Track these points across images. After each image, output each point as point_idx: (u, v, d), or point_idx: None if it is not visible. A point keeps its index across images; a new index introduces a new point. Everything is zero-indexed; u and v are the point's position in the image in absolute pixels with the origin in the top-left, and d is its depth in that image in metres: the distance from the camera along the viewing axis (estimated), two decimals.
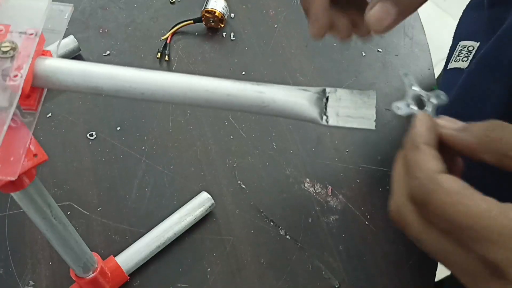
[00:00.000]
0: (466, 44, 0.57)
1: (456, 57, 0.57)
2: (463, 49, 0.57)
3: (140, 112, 0.62)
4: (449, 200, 0.27)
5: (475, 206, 0.26)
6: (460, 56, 0.56)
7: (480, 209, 0.26)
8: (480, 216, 0.26)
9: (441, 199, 0.27)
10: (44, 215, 0.37)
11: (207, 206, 0.55)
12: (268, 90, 0.34)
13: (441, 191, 0.27)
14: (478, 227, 0.26)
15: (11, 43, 0.30)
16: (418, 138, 0.30)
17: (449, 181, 0.28)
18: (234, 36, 0.69)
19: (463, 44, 0.57)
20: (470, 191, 0.27)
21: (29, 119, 0.32)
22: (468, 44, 0.56)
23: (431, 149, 0.30)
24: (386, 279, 0.53)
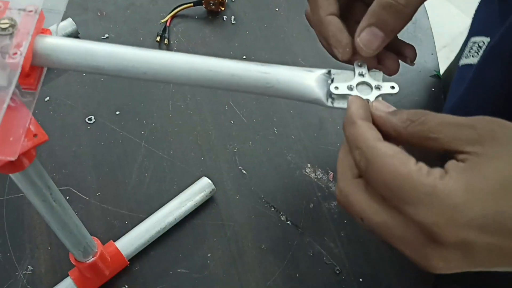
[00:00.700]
0: (477, 40, 0.56)
1: (467, 53, 0.57)
2: (474, 45, 0.56)
3: (140, 96, 0.61)
4: (384, 163, 0.28)
5: (405, 167, 0.28)
6: (471, 52, 0.56)
7: (409, 169, 0.28)
8: (408, 176, 0.27)
9: (378, 163, 0.29)
10: (44, 198, 0.36)
11: (208, 192, 0.54)
12: (272, 70, 0.33)
13: (378, 155, 0.29)
14: (407, 187, 0.27)
15: (10, 20, 0.30)
16: (353, 116, 0.32)
17: (385, 147, 0.29)
18: (235, 20, 0.68)
19: (474, 40, 0.56)
20: (405, 155, 0.29)
21: (28, 98, 0.31)
22: (478, 40, 0.56)
23: (367, 122, 0.31)
24: (387, 265, 0.53)
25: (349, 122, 0.32)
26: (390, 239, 0.30)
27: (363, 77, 0.35)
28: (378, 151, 0.29)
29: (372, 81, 0.35)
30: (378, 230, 0.30)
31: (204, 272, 0.51)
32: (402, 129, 0.31)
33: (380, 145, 0.30)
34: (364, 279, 0.52)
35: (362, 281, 0.52)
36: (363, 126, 0.31)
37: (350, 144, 0.31)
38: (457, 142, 0.29)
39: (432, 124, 0.30)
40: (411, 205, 0.27)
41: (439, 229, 0.27)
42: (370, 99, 0.34)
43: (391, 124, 0.31)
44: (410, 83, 0.65)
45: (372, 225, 0.30)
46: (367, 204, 0.30)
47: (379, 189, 0.29)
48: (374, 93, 0.34)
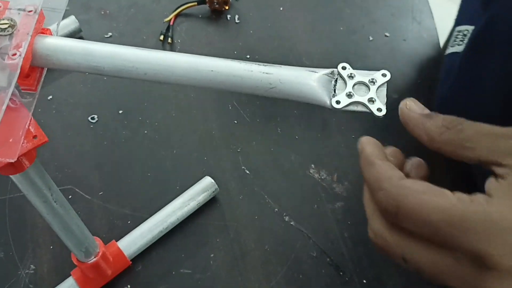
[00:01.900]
0: (462, 28, 0.57)
1: (452, 42, 0.58)
2: (459, 34, 0.58)
3: (143, 96, 0.61)
4: (419, 201, 0.27)
5: (445, 200, 0.26)
6: (456, 40, 0.57)
7: (452, 201, 0.26)
8: (453, 208, 0.26)
9: (411, 202, 0.27)
10: (45, 199, 0.36)
11: (211, 191, 0.54)
12: (275, 71, 0.33)
13: (408, 194, 0.27)
14: (454, 220, 0.26)
15: (10, 20, 0.29)
16: (370, 156, 0.30)
17: (414, 183, 0.28)
18: (238, 19, 0.68)
19: (459, 29, 0.58)
20: (437, 188, 0.27)
21: (28, 99, 0.31)
22: (463, 28, 0.57)
23: (386, 162, 0.30)
24: (391, 267, 0.52)
25: (366, 163, 0.30)
26: (440, 277, 0.28)
27: (354, 77, 0.34)
28: (407, 190, 0.27)
29: (363, 77, 0.34)
30: (425, 269, 0.28)
31: (207, 272, 0.51)
32: (436, 135, 0.29)
33: (408, 182, 0.28)
34: (368, 280, 0.51)
35: (366, 282, 0.51)
36: (383, 166, 0.30)
37: (372, 186, 0.29)
38: (495, 154, 0.27)
39: (469, 133, 0.28)
40: (464, 238, 0.26)
41: (500, 257, 0.25)
42: (372, 96, 0.33)
43: (424, 128, 0.30)
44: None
45: (418, 265, 0.28)
46: (408, 245, 0.28)
47: (417, 228, 0.27)
48: (372, 89, 0.33)
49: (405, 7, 0.71)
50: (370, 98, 0.33)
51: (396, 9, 0.70)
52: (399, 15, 0.70)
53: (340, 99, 0.33)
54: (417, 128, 0.30)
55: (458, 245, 0.26)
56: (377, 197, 0.29)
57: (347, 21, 0.69)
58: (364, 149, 0.31)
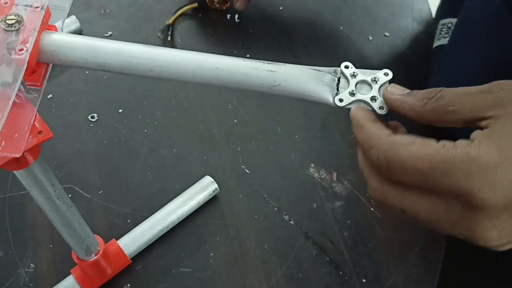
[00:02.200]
0: (446, 21, 0.59)
1: (438, 35, 0.59)
2: (443, 27, 0.59)
3: (143, 94, 0.61)
4: (406, 152, 0.28)
5: (430, 148, 0.28)
6: (441, 33, 0.58)
7: (436, 148, 0.28)
8: (438, 154, 0.27)
9: (399, 154, 0.29)
10: (48, 195, 0.36)
11: (211, 191, 0.54)
12: (279, 69, 0.33)
13: (396, 147, 0.29)
14: (439, 164, 0.27)
15: (17, 16, 0.30)
16: (361, 120, 0.32)
17: (401, 137, 0.29)
18: (238, 18, 0.68)
19: (443, 22, 0.60)
20: (423, 138, 0.29)
21: (33, 95, 0.31)
22: (447, 21, 0.58)
23: (375, 123, 0.32)
24: (391, 266, 0.53)
25: (358, 127, 0.32)
26: (437, 224, 0.29)
27: (356, 76, 0.35)
28: (395, 144, 0.29)
29: (365, 76, 0.35)
30: (422, 217, 0.29)
31: (207, 271, 0.51)
32: (420, 108, 0.31)
33: (395, 137, 0.30)
34: (367, 279, 0.52)
35: (365, 281, 0.51)
36: (373, 127, 0.31)
37: (364, 147, 0.31)
38: (477, 110, 0.29)
39: (449, 98, 0.30)
40: (449, 179, 0.27)
41: (484, 194, 0.26)
42: (374, 94, 0.34)
43: (408, 105, 0.31)
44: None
45: (415, 214, 0.30)
46: (404, 196, 0.30)
47: (408, 178, 0.29)
48: (375, 87, 0.34)
49: (405, 6, 0.71)
50: (373, 97, 0.34)
51: (396, 8, 0.71)
52: (399, 14, 0.70)
53: (343, 97, 0.34)
54: (402, 107, 0.32)
55: (446, 188, 0.27)
56: (369, 156, 0.30)
57: (347, 21, 0.69)
58: (355, 114, 0.33)
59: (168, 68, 0.31)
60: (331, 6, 0.70)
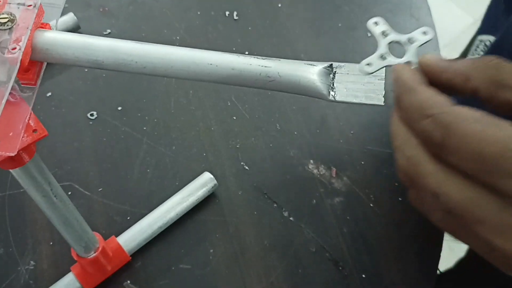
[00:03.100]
0: (484, 38, 0.55)
1: (473, 51, 0.55)
2: (480, 43, 0.55)
3: (142, 92, 0.61)
4: (472, 130, 0.23)
5: (504, 131, 0.22)
6: (477, 50, 0.54)
7: (508, 133, 0.22)
8: (508, 141, 0.22)
9: (463, 131, 0.23)
10: (45, 193, 0.36)
11: (210, 187, 0.54)
12: (274, 64, 0.33)
13: (461, 121, 0.23)
14: (508, 155, 0.22)
15: (9, 14, 0.30)
16: (409, 81, 0.26)
17: (467, 110, 0.24)
18: (237, 16, 0.68)
19: (481, 38, 0.55)
20: (493, 118, 0.23)
21: (28, 94, 0.31)
22: (485, 38, 0.55)
23: (430, 87, 0.26)
24: (390, 262, 0.53)
25: (406, 89, 0.26)
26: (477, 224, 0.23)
27: (387, 36, 0.29)
28: (460, 116, 0.23)
29: (400, 35, 0.29)
30: (461, 210, 0.24)
31: (207, 268, 0.51)
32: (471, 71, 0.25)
33: (460, 109, 0.24)
34: (367, 275, 0.52)
35: (365, 277, 0.51)
36: (428, 91, 0.25)
37: (413, 115, 0.25)
38: None
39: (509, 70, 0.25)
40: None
41: None
42: (411, 59, 0.28)
43: (454, 69, 0.26)
44: None
45: (452, 203, 0.24)
46: (446, 177, 0.24)
47: (465, 162, 0.23)
48: (411, 49, 0.29)
49: (403, 4, 0.71)
50: (408, 62, 0.28)
51: (394, 5, 0.71)
52: (397, 12, 0.70)
53: (372, 62, 0.29)
54: (446, 72, 0.27)
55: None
56: (421, 125, 0.25)
57: (346, 18, 0.69)
58: (401, 75, 0.27)
59: (161, 65, 0.31)
60: (329, 3, 0.70)
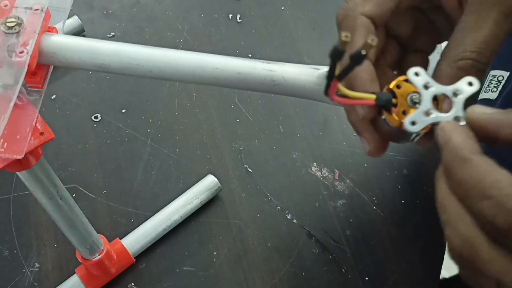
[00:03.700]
0: (496, 74, 0.53)
1: (486, 88, 0.52)
2: (493, 79, 0.53)
3: (145, 95, 0.62)
4: None
5: None
6: (490, 86, 0.51)
7: None
8: None
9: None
10: (51, 196, 0.36)
11: (214, 189, 0.54)
12: (278, 68, 0.33)
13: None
14: None
15: (17, 18, 0.30)
16: (463, 149, 0.23)
17: None
18: (240, 18, 0.68)
19: (493, 73, 0.52)
20: None
21: (35, 97, 0.31)
22: (498, 74, 0.53)
23: (486, 158, 0.23)
24: (393, 264, 0.53)
25: (459, 160, 0.23)
26: None
27: (429, 88, 0.26)
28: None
29: (443, 87, 0.26)
30: None
31: (210, 270, 0.52)
32: None
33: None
34: (369, 278, 0.52)
35: (368, 279, 0.52)
36: (486, 164, 0.22)
37: (470, 193, 0.22)
38: None
39: None
40: None
41: None
42: (459, 114, 0.25)
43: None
44: None
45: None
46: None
47: None
48: (458, 103, 0.25)
49: None
50: (456, 117, 0.25)
51: None
52: None
53: (416, 120, 0.25)
54: (505, 127, 0.23)
55: None
56: (478, 207, 0.22)
57: None
58: (451, 139, 0.24)
59: (167, 69, 0.31)
60: (332, 5, 0.70)
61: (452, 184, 0.23)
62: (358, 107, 0.29)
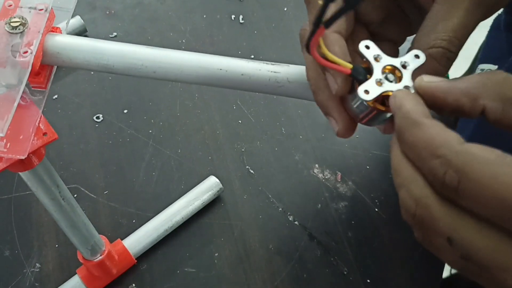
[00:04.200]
0: (485, 67, 0.53)
1: None
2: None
3: (147, 95, 0.61)
4: (491, 173, 0.21)
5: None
6: None
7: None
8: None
9: (480, 174, 0.21)
10: (53, 196, 0.36)
11: (215, 191, 0.54)
12: (283, 70, 0.33)
13: (477, 164, 0.21)
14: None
15: (21, 18, 0.30)
16: (414, 114, 0.24)
17: (481, 149, 0.22)
18: (243, 19, 0.68)
19: (482, 67, 0.54)
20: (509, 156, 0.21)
21: (38, 97, 0.31)
22: (486, 67, 0.53)
23: (436, 121, 0.24)
24: (395, 266, 0.53)
25: (410, 123, 0.24)
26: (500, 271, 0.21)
27: (380, 60, 0.28)
28: (475, 158, 0.21)
29: (392, 60, 0.28)
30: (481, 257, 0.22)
31: (211, 271, 0.51)
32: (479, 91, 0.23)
33: (473, 148, 0.22)
34: (371, 280, 0.52)
35: (370, 282, 0.51)
36: (436, 126, 0.23)
37: (420, 153, 0.23)
38: None
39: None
40: None
41: None
42: (408, 84, 0.27)
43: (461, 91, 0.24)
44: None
45: (471, 249, 0.22)
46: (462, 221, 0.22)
47: (481, 207, 0.21)
48: (406, 75, 0.27)
49: None
50: (406, 87, 0.27)
51: None
52: None
53: (369, 88, 0.27)
54: (451, 94, 0.24)
55: None
56: (429, 166, 0.23)
57: None
58: (403, 105, 0.25)
59: (171, 69, 0.31)
60: None
61: (405, 147, 0.24)
62: (331, 81, 0.30)
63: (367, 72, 0.28)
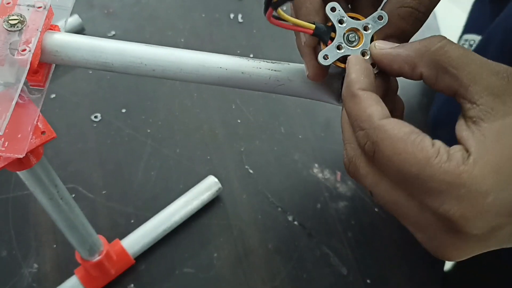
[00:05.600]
0: (469, 37, 0.55)
1: None
2: (465, 43, 0.56)
3: (146, 94, 0.61)
4: (394, 148, 0.25)
5: (422, 152, 0.24)
6: None
7: (427, 155, 0.24)
8: (427, 164, 0.24)
9: (387, 148, 0.25)
10: (51, 196, 0.36)
11: (214, 190, 0.54)
12: (283, 68, 0.33)
13: (385, 139, 0.25)
14: (424, 176, 0.24)
15: (19, 16, 0.29)
16: (354, 84, 0.27)
17: (393, 126, 0.26)
18: (242, 18, 0.68)
19: (466, 37, 0.56)
20: (415, 136, 0.25)
21: (36, 95, 0.31)
22: (470, 37, 0.55)
23: (370, 93, 0.27)
24: (395, 267, 0.52)
25: (349, 93, 0.28)
26: (401, 219, 0.27)
27: (343, 23, 0.28)
28: (386, 133, 0.25)
29: (355, 22, 0.28)
30: (389, 207, 0.27)
31: (210, 271, 0.51)
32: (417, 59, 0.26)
33: (388, 124, 0.26)
34: (371, 280, 0.51)
35: (370, 282, 0.51)
36: (365, 100, 0.27)
37: (352, 122, 0.27)
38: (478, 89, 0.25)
39: (454, 55, 0.26)
40: (432, 196, 0.24)
41: (467, 221, 0.24)
42: (366, 48, 0.28)
43: (402, 58, 0.27)
44: (414, 83, 0.64)
45: (382, 201, 0.27)
46: (378, 182, 0.27)
47: (390, 176, 0.26)
48: (366, 37, 0.28)
49: None
50: (364, 51, 0.29)
51: None
52: None
53: (329, 53, 0.28)
54: (395, 62, 0.28)
55: (426, 201, 0.25)
56: (356, 134, 0.27)
57: None
58: (349, 73, 0.28)
59: (170, 68, 0.31)
60: None
61: (346, 113, 0.28)
62: (301, 33, 0.32)
63: (333, 30, 0.29)
